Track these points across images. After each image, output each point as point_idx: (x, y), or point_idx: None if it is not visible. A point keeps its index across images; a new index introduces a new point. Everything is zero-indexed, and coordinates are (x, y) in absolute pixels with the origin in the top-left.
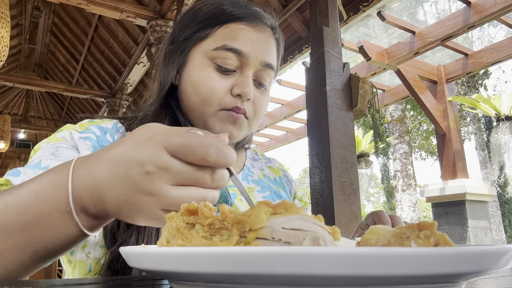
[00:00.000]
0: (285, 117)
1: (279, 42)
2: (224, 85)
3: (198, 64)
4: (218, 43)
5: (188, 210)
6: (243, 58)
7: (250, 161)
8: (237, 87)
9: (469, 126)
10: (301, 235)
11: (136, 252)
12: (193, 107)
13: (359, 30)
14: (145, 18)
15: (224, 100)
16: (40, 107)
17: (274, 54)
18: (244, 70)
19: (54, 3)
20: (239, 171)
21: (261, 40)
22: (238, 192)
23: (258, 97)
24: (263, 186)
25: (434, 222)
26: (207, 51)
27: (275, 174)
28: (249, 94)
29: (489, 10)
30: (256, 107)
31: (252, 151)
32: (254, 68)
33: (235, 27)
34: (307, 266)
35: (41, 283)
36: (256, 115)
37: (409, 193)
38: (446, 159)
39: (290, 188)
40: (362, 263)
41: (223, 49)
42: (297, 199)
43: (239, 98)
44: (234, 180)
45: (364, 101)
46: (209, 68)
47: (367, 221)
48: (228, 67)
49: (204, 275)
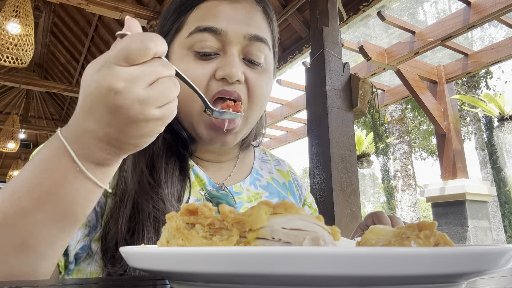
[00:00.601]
0: (285, 117)
1: (266, 10)
2: (205, 71)
3: (177, 58)
4: (191, 27)
5: (188, 210)
6: (221, 37)
7: (258, 163)
8: (220, 69)
9: (469, 126)
10: (301, 235)
11: (136, 252)
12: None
13: (359, 30)
14: (145, 18)
15: (209, 88)
16: (40, 107)
17: (261, 24)
18: (227, 50)
19: (54, 3)
20: (246, 174)
21: (240, 12)
22: (245, 199)
23: (253, 77)
24: (272, 192)
25: (434, 222)
26: (183, 41)
27: (285, 178)
28: (235, 74)
29: (489, 10)
30: (253, 88)
31: (261, 151)
32: (238, 44)
33: (207, 5)
34: (307, 266)
35: (41, 283)
36: (253, 100)
37: (409, 193)
38: (446, 159)
39: (300, 193)
40: (362, 263)
41: (197, 31)
42: (306, 206)
43: (225, 82)
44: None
45: (364, 101)
46: (187, 58)
47: (366, 222)
48: (207, 50)
49: (204, 275)
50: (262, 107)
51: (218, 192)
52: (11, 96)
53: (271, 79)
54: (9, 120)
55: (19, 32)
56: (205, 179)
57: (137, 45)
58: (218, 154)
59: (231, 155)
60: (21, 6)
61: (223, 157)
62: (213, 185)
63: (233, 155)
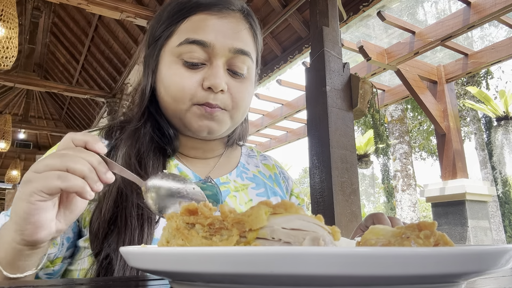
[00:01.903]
0: (285, 117)
1: (252, 25)
2: (193, 80)
3: (167, 64)
4: (181, 38)
5: (188, 210)
6: (209, 49)
7: (245, 158)
8: (207, 79)
9: (469, 126)
10: (301, 235)
11: (136, 252)
12: (167, 106)
13: (359, 30)
14: (145, 18)
15: (196, 95)
16: (40, 107)
17: (246, 38)
18: (213, 61)
19: (54, 3)
20: (233, 168)
21: (226, 26)
22: (232, 189)
23: (236, 86)
24: (258, 183)
25: (434, 222)
26: (173, 49)
27: (271, 171)
28: (219, 85)
29: (489, 10)
30: (235, 97)
31: (248, 148)
32: (224, 57)
33: (196, 19)
34: (307, 266)
35: (41, 283)
36: (236, 106)
37: (409, 193)
38: (446, 159)
39: (287, 185)
40: (362, 263)
41: (186, 43)
42: (293, 196)
43: (211, 91)
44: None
45: (364, 101)
46: (176, 66)
47: (366, 223)
48: (195, 60)
49: (204, 275)
50: (245, 110)
51: (204, 184)
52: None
53: (252, 86)
54: (1, 120)
55: (3, 35)
56: (190, 174)
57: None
58: (203, 150)
59: (216, 152)
60: (5, 9)
61: (208, 154)
62: (199, 178)
63: (218, 152)
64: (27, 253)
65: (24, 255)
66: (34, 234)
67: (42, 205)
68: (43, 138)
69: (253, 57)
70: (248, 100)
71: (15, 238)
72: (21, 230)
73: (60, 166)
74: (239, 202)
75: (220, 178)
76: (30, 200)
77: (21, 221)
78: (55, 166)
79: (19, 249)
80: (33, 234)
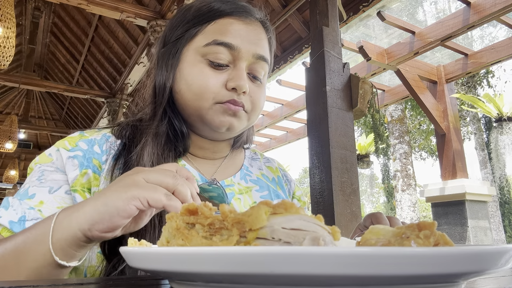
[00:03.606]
0: (285, 117)
1: (269, 35)
2: (218, 80)
3: (190, 62)
4: (209, 38)
5: (188, 210)
6: (235, 52)
7: (248, 161)
8: (232, 80)
9: (469, 126)
10: (301, 235)
11: (137, 252)
12: (187, 103)
13: (359, 30)
14: (145, 18)
15: (219, 94)
16: (40, 107)
17: (266, 46)
18: (237, 64)
19: (54, 3)
20: (237, 170)
21: (252, 33)
22: (236, 191)
23: (255, 90)
24: (262, 185)
25: (433, 222)
26: (199, 48)
27: (274, 174)
28: (243, 86)
29: (489, 10)
30: (254, 100)
31: (251, 151)
32: (247, 61)
33: (224, 22)
34: (307, 266)
35: (41, 283)
36: (254, 109)
37: (409, 193)
38: (446, 159)
39: (289, 188)
40: (362, 263)
41: (214, 44)
42: (295, 199)
43: (234, 92)
44: None
45: (364, 101)
46: (201, 65)
47: (365, 223)
48: (221, 61)
49: (204, 275)
50: (259, 113)
51: (210, 186)
52: (11, 96)
53: (265, 90)
54: (7, 120)
55: (0, 34)
56: (197, 176)
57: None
58: (212, 151)
59: (224, 153)
60: (3, 9)
61: (217, 154)
62: (205, 180)
63: (224, 153)
64: (81, 244)
65: (78, 245)
66: (105, 231)
67: (135, 213)
68: (43, 138)
69: (269, 63)
70: (263, 103)
71: (82, 225)
72: (95, 221)
73: (172, 186)
74: (243, 204)
75: (225, 181)
76: (131, 202)
77: (104, 215)
78: (168, 184)
79: (78, 237)
80: (103, 230)
